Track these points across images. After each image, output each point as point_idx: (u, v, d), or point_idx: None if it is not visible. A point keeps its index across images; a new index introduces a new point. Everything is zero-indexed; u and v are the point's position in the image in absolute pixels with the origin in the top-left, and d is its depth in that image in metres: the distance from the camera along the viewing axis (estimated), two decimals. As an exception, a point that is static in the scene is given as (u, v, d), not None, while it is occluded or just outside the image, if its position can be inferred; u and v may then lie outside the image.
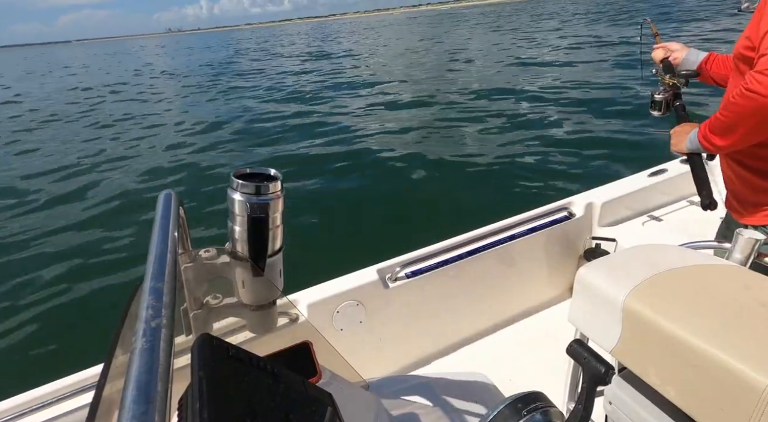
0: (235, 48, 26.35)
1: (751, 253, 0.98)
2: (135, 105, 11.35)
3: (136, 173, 6.14)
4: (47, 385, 1.21)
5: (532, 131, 6.38)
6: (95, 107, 12.08)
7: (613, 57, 11.28)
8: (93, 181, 5.98)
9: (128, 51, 64.51)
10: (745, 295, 0.76)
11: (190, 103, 10.63)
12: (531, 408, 0.57)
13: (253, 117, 8.55)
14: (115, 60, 36.90)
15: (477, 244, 1.83)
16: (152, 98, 12.81)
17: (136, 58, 40.86)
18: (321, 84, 11.57)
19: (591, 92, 8.23)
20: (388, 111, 8.24)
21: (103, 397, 0.45)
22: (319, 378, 0.64)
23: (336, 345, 0.75)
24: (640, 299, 0.78)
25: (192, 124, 8.48)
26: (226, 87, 12.38)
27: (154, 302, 0.45)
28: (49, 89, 18.74)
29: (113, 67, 28.92)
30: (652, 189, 2.22)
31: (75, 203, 5.30)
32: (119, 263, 3.93)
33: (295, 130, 7.52)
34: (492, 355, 1.83)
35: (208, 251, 0.76)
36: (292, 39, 44.56)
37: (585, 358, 0.79)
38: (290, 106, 9.24)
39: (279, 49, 24.93)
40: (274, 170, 0.74)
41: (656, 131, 4.44)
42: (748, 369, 0.61)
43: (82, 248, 4.34)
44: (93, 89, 16.67)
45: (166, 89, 14.86)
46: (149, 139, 7.86)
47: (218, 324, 0.82)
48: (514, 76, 10.30)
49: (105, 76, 23.80)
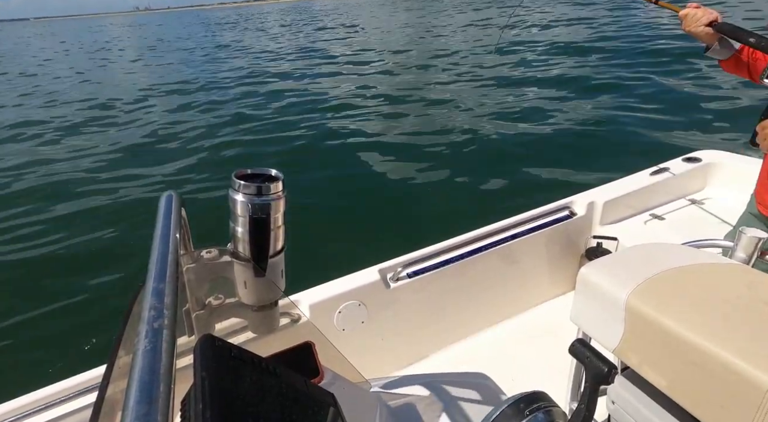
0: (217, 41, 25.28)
1: (754, 251, 0.98)
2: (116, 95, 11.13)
3: (137, 173, 6.15)
4: (51, 386, 1.22)
5: (533, 131, 6.37)
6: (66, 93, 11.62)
7: (612, 51, 11.21)
8: (94, 181, 6.00)
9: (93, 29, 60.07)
10: (748, 293, 0.75)
11: (182, 100, 10.59)
12: (533, 408, 0.57)
13: (253, 117, 8.55)
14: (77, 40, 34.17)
15: (478, 244, 1.83)
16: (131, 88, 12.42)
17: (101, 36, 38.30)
18: (320, 79, 11.57)
19: (590, 89, 8.21)
20: (388, 111, 8.24)
21: (107, 398, 0.45)
22: (322, 378, 0.64)
23: (338, 345, 0.75)
24: (642, 298, 0.78)
25: (191, 124, 8.49)
26: (220, 85, 12.30)
27: (156, 304, 0.45)
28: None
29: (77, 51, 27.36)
30: (653, 188, 2.21)
31: (75, 203, 5.32)
32: (121, 264, 3.94)
33: (295, 130, 7.53)
34: (494, 354, 1.83)
35: (210, 251, 0.76)
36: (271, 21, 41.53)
37: (587, 357, 0.79)
38: (291, 106, 9.25)
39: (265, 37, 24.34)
40: (276, 171, 0.74)
41: None
42: (751, 367, 0.61)
43: (84, 249, 4.35)
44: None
45: (144, 78, 14.42)
46: (149, 138, 7.88)
47: (220, 324, 0.82)
48: (509, 68, 10.26)
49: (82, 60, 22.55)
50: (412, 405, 0.91)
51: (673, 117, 6.34)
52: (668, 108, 6.76)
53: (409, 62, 12.61)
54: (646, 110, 6.74)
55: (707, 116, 6.20)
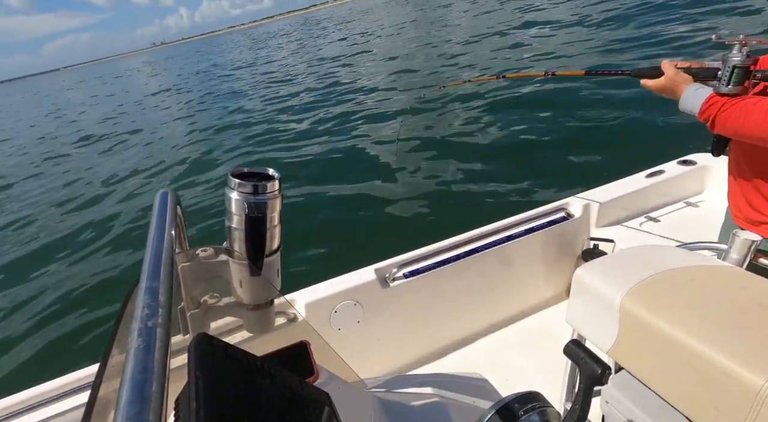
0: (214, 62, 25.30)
1: (748, 254, 0.99)
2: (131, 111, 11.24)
3: (134, 171, 6.12)
4: (44, 384, 1.21)
5: (528, 133, 6.38)
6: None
7: (609, 42, 11.21)
8: (93, 181, 5.96)
9: (116, 73, 60.11)
10: (741, 296, 0.76)
11: (187, 106, 10.60)
12: (528, 408, 0.57)
13: (251, 118, 8.54)
14: (105, 89, 34.31)
15: (475, 244, 1.83)
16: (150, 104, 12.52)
17: (128, 80, 39.04)
18: (318, 83, 11.58)
19: (591, 88, 8.23)
20: (388, 109, 8.25)
21: (99, 397, 0.45)
22: (317, 377, 0.64)
23: (334, 344, 0.75)
24: (636, 299, 0.78)
25: (190, 124, 8.46)
26: (223, 92, 12.32)
27: (150, 302, 0.45)
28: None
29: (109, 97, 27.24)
30: (649, 190, 2.22)
31: (74, 203, 5.29)
32: (116, 262, 3.92)
33: (295, 129, 7.52)
34: (489, 355, 1.83)
35: (205, 250, 0.75)
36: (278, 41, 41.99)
37: (582, 358, 0.79)
38: (291, 105, 9.25)
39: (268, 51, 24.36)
40: (272, 170, 0.74)
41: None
42: (743, 369, 0.62)
43: (78, 247, 4.33)
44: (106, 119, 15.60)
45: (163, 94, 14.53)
46: (150, 139, 7.85)
47: (215, 323, 0.82)
48: (510, 63, 10.28)
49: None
50: (408, 405, 0.91)
51: (669, 120, 6.37)
52: (663, 111, 6.80)
53: (410, 64, 12.63)
54: (641, 113, 6.77)
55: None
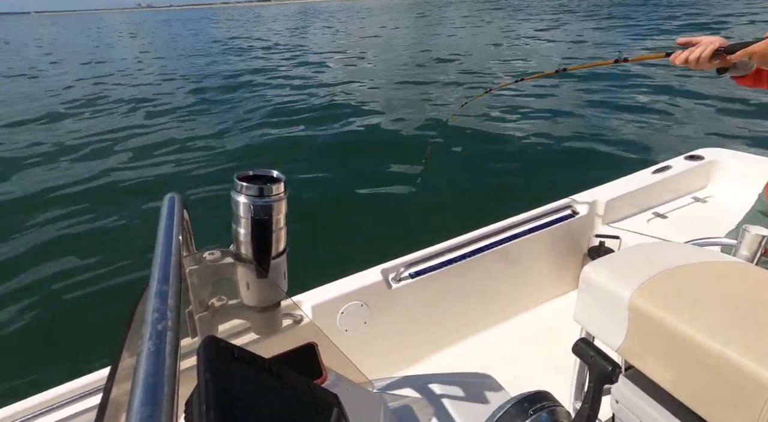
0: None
1: (758, 249, 0.98)
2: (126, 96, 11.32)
3: (140, 175, 6.17)
4: (56, 388, 1.22)
5: (534, 131, 6.36)
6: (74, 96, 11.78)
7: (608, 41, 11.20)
8: (96, 182, 6.01)
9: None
10: (752, 291, 0.75)
11: (188, 103, 10.64)
12: (537, 407, 0.57)
13: (256, 117, 8.57)
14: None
15: (480, 243, 1.83)
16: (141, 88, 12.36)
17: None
18: (321, 80, 11.59)
19: (590, 87, 8.19)
20: (389, 109, 8.25)
21: (111, 400, 0.45)
22: (325, 379, 0.65)
23: (341, 345, 0.75)
24: (645, 297, 0.78)
25: (194, 125, 8.51)
26: (226, 87, 12.36)
27: (159, 305, 0.45)
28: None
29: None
30: (656, 186, 2.21)
31: (79, 206, 5.33)
32: (125, 266, 3.95)
33: (298, 130, 7.54)
34: (497, 354, 1.83)
35: (212, 253, 0.76)
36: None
37: (591, 357, 0.79)
38: (291, 106, 9.27)
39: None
40: (277, 172, 0.74)
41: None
42: (756, 365, 0.61)
43: (87, 251, 4.36)
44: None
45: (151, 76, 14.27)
46: (149, 139, 7.90)
47: (223, 325, 0.82)
48: (520, 65, 10.27)
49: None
50: (416, 406, 0.91)
51: (675, 115, 6.32)
52: (670, 106, 6.75)
53: (414, 61, 12.62)
54: (647, 108, 6.73)
55: (709, 114, 6.18)
